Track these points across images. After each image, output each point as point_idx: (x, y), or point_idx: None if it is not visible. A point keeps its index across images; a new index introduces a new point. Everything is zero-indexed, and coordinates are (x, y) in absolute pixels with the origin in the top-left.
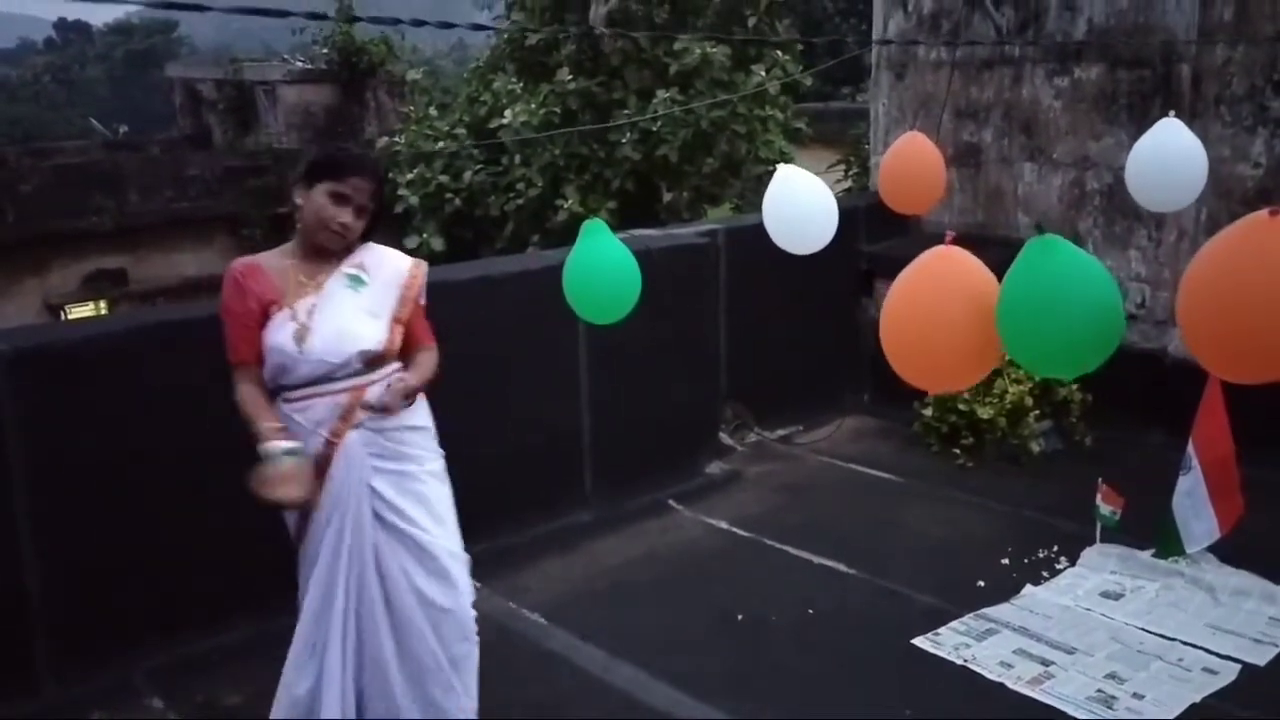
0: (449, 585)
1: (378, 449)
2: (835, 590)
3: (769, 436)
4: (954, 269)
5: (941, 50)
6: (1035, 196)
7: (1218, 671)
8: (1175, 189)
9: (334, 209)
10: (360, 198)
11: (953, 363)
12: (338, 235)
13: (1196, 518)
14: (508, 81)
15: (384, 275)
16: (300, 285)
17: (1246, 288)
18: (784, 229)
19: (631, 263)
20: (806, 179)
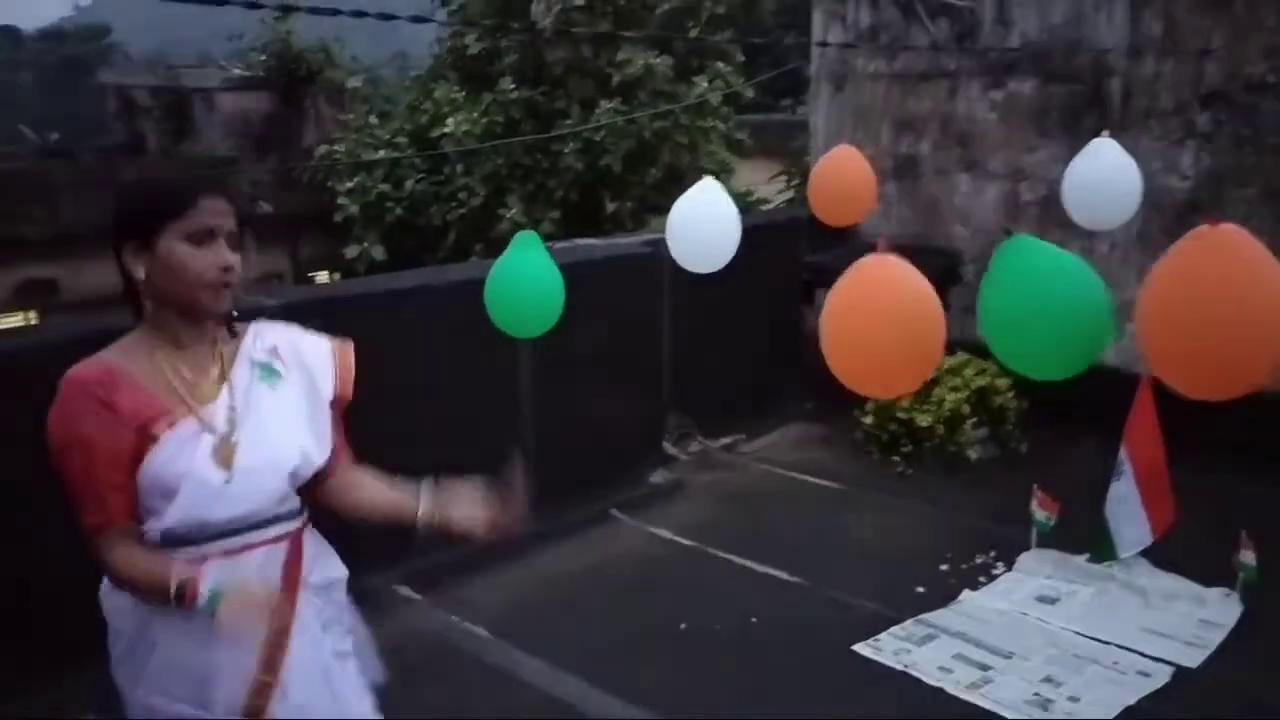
0: None
1: (327, 619)
2: (778, 598)
3: (712, 445)
4: (889, 276)
5: (879, 62)
6: (971, 207)
7: (1151, 674)
8: (1111, 207)
9: (203, 255)
10: (228, 223)
11: (892, 367)
12: (223, 287)
13: (1129, 523)
14: (449, 90)
15: (305, 361)
16: (192, 386)
17: (1200, 302)
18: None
19: (557, 279)
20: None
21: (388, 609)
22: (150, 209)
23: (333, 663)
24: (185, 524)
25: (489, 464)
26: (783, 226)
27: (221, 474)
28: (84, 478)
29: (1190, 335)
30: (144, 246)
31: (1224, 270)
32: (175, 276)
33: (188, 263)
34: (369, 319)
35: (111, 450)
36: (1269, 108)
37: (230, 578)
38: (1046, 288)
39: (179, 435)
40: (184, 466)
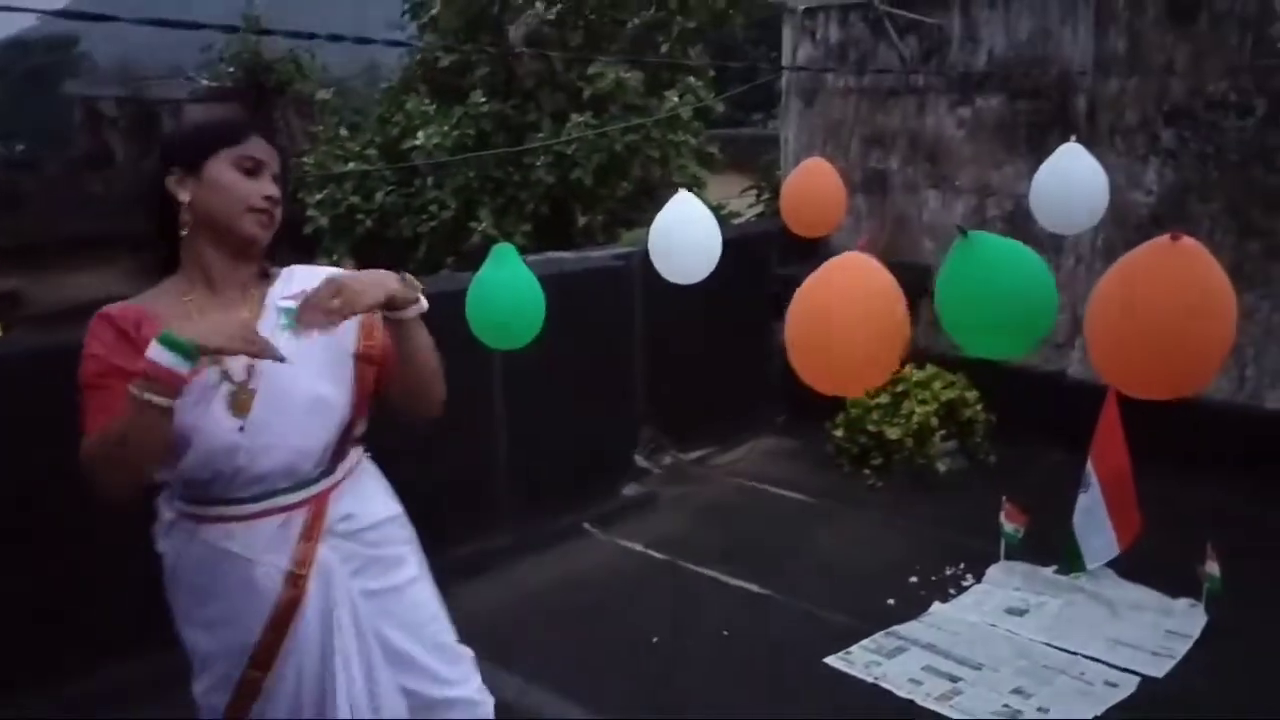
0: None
1: (358, 562)
2: (750, 611)
3: (685, 458)
4: (859, 271)
5: (849, 77)
6: (940, 223)
7: (1118, 684)
8: (1078, 211)
9: (250, 183)
10: (274, 164)
11: (854, 364)
12: (266, 216)
13: (1096, 534)
14: (420, 103)
15: None
16: None
17: (1149, 309)
18: (668, 261)
19: (537, 290)
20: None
21: None
22: (204, 134)
23: (361, 604)
24: (203, 473)
25: (463, 477)
26: (754, 240)
27: (235, 422)
28: (99, 391)
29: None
30: (192, 170)
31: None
32: (222, 199)
33: (235, 186)
34: None
35: (130, 372)
36: (1231, 125)
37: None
38: (999, 271)
39: (199, 383)
40: (200, 414)
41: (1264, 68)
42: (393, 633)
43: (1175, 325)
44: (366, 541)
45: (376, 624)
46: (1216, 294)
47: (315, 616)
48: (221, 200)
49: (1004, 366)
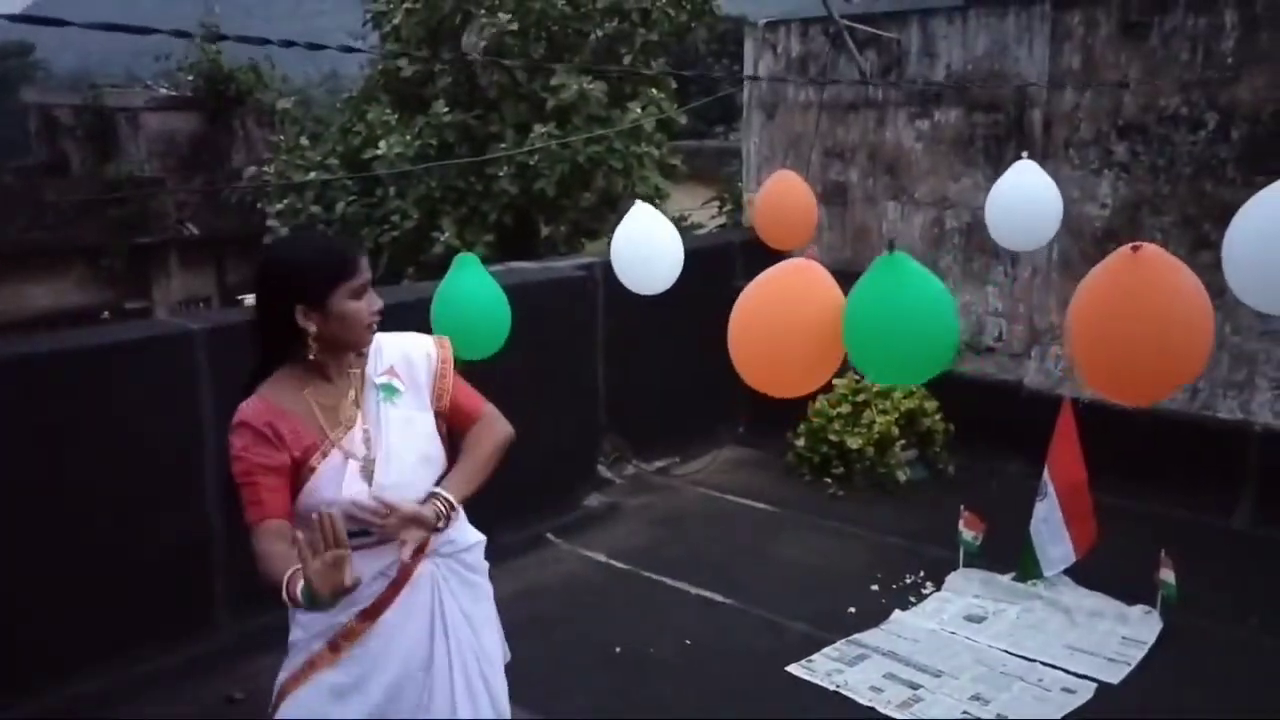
0: None
1: (456, 579)
2: (712, 620)
3: (647, 469)
4: (802, 278)
5: (809, 91)
6: (899, 234)
7: (1075, 690)
8: (1033, 228)
9: (364, 306)
10: (371, 276)
11: (795, 366)
12: (370, 328)
13: (1053, 542)
14: (382, 112)
15: (413, 374)
16: (330, 413)
17: (1119, 316)
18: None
19: (501, 299)
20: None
21: None
22: (327, 275)
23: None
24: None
25: None
26: (716, 251)
27: (365, 486)
28: (248, 487)
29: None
30: (315, 305)
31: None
32: (346, 326)
33: (355, 314)
34: None
35: (271, 466)
36: (1183, 139)
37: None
38: (899, 302)
39: (330, 465)
40: (336, 493)
41: (1214, 82)
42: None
43: (1153, 330)
44: (464, 563)
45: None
46: (1187, 295)
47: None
48: (345, 327)
49: (963, 377)
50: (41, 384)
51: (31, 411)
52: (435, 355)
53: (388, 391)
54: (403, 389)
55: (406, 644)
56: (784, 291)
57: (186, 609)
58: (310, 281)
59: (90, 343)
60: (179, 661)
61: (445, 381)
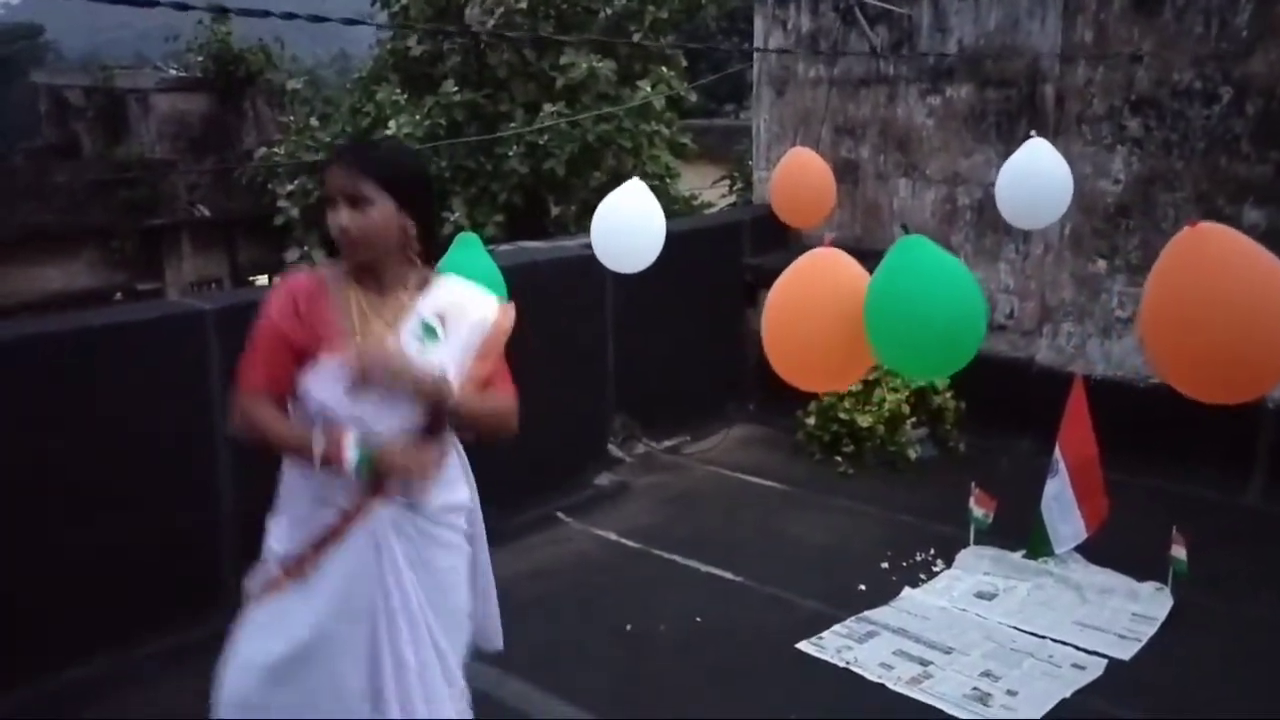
0: None
1: (408, 536)
2: (722, 598)
3: (657, 447)
4: (830, 268)
5: (820, 67)
6: (910, 211)
7: (1085, 667)
8: (1043, 207)
9: (330, 216)
10: (348, 187)
11: (830, 361)
12: (343, 243)
13: (1064, 519)
14: (391, 92)
15: (463, 330)
16: (366, 322)
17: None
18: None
19: (498, 279)
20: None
21: None
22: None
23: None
24: None
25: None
26: (725, 229)
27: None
28: (254, 349)
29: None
30: None
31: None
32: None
33: (327, 224)
34: None
35: (284, 339)
36: (1197, 114)
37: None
38: (924, 290)
39: (330, 365)
40: (324, 393)
41: (1228, 56)
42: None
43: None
44: (428, 516)
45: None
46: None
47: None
48: None
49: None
50: (56, 363)
51: (42, 391)
52: (491, 320)
53: (426, 331)
54: (442, 337)
55: (343, 585)
56: (812, 284)
57: (195, 590)
58: None
59: (102, 322)
60: (190, 641)
61: (489, 348)
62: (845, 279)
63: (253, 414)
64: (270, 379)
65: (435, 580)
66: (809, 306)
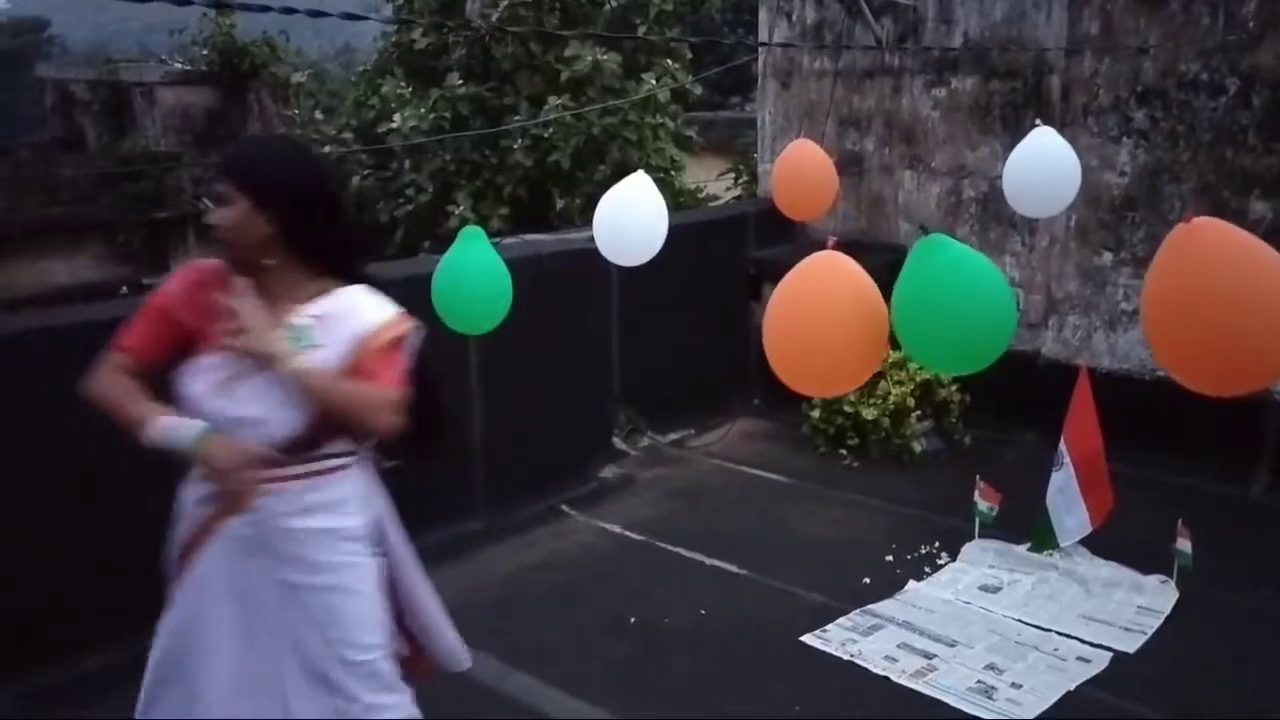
0: None
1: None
2: (727, 591)
3: (662, 440)
4: (835, 273)
5: (824, 59)
6: (915, 204)
7: (1090, 660)
8: (1051, 195)
9: None
10: (215, 184)
11: (834, 366)
12: (218, 240)
13: (1069, 512)
14: (396, 85)
15: (344, 334)
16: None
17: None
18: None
19: (504, 273)
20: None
21: None
22: None
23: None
24: None
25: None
26: (730, 222)
27: (209, 406)
28: (138, 316)
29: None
30: None
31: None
32: None
33: None
34: None
35: (171, 316)
36: (1203, 105)
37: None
38: (956, 285)
39: (209, 361)
40: (189, 388)
41: (1235, 47)
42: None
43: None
44: (293, 538)
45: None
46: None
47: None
48: None
49: None
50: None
51: (47, 386)
52: (376, 326)
53: (297, 336)
54: (319, 342)
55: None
56: (816, 291)
57: None
58: None
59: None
60: None
61: (368, 353)
62: (848, 284)
63: (102, 377)
64: (141, 345)
65: (302, 599)
66: (810, 312)
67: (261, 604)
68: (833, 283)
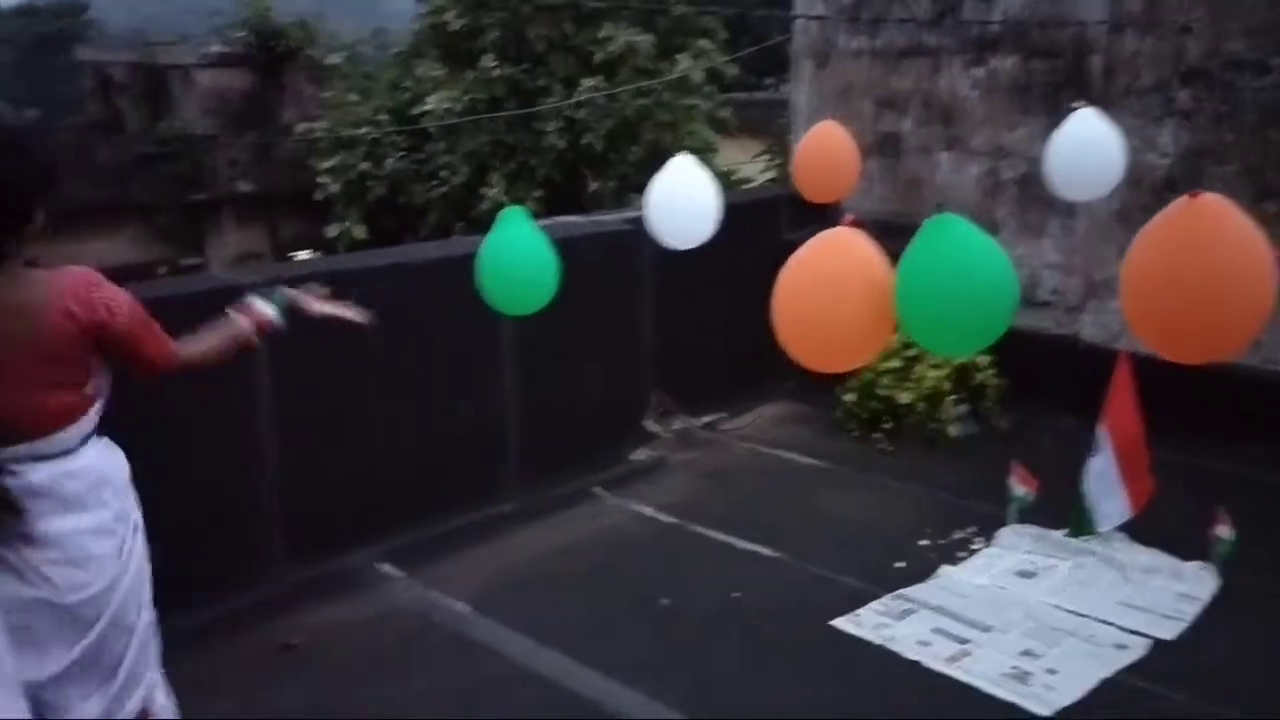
0: None
1: None
2: (759, 574)
3: (694, 423)
4: (844, 249)
5: (861, 38)
6: (952, 185)
7: (1128, 646)
8: (1095, 178)
9: None
10: None
11: (837, 340)
12: None
13: (1108, 498)
14: (430, 67)
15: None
16: None
17: (1178, 269)
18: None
19: (549, 253)
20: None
21: (369, 585)
22: None
23: None
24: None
25: (472, 442)
26: (763, 204)
27: None
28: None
29: (1172, 299)
30: None
31: (1207, 237)
32: None
33: None
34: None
35: None
36: (1247, 85)
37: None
38: (953, 268)
39: None
40: None
41: None
42: None
43: (1211, 285)
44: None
45: None
46: (1247, 247)
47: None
48: None
49: (1016, 330)
50: None
51: None
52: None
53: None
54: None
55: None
56: (827, 265)
57: (242, 556)
58: None
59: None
60: (234, 609)
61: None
62: (856, 260)
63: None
64: None
65: None
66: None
67: None
68: (840, 258)
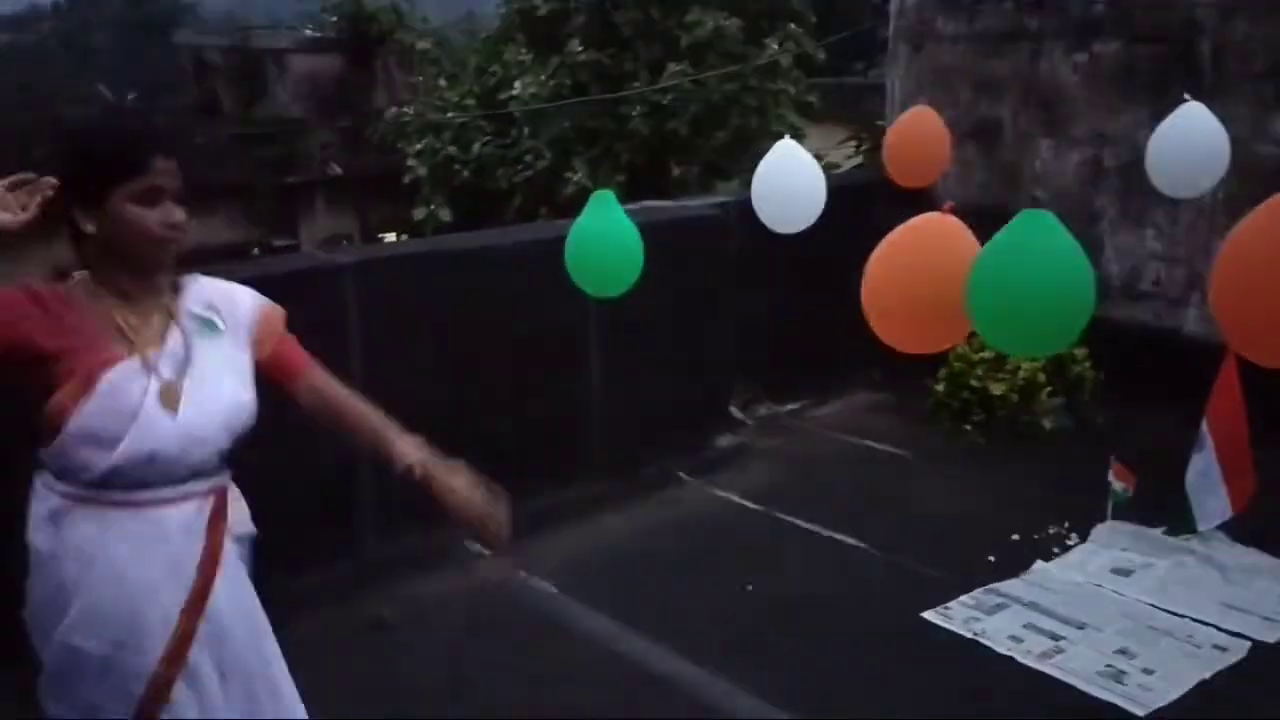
0: None
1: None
2: (844, 563)
3: (779, 411)
4: (936, 234)
5: (959, 23)
6: (1051, 173)
7: (1227, 648)
8: (1197, 175)
9: (154, 214)
10: (174, 183)
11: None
12: (170, 242)
13: (1209, 496)
14: (517, 52)
15: (237, 316)
16: (136, 332)
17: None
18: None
19: (635, 236)
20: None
21: (457, 564)
22: (100, 165)
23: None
24: (133, 460)
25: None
26: (856, 190)
27: (168, 415)
28: None
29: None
30: (92, 207)
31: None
32: (125, 233)
33: (135, 227)
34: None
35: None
36: None
37: None
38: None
39: (121, 373)
40: (130, 404)
41: None
42: None
43: None
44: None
45: None
46: None
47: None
48: (125, 236)
49: (1115, 322)
50: None
51: None
52: (258, 304)
53: (207, 326)
54: (223, 327)
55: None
56: (920, 246)
57: (333, 529)
58: (81, 175)
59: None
60: (326, 580)
61: (270, 327)
62: (949, 246)
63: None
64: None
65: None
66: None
67: None
68: (933, 243)
